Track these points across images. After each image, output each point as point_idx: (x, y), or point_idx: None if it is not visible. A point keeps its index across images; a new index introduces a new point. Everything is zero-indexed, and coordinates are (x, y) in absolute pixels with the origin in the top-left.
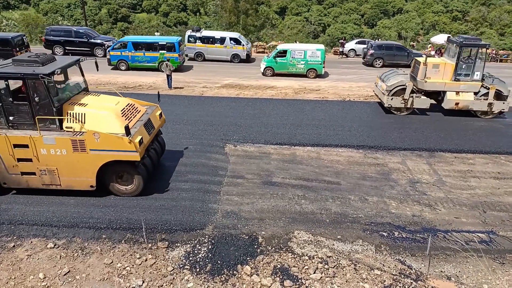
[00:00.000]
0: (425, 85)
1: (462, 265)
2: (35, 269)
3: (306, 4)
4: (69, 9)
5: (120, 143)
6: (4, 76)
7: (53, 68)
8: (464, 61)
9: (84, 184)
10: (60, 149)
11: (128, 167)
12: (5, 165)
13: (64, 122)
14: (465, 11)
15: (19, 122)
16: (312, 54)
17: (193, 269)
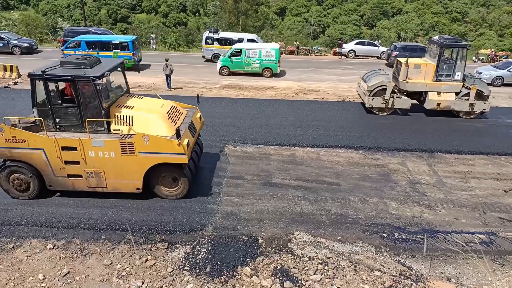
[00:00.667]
0: (407, 86)
1: (462, 266)
2: (34, 270)
3: (305, 5)
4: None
5: (169, 146)
6: (55, 78)
7: (102, 70)
8: (445, 62)
9: (130, 186)
10: (109, 152)
11: (174, 169)
12: (52, 167)
13: (112, 125)
14: (465, 12)
15: (66, 124)
16: (266, 53)
17: (192, 270)
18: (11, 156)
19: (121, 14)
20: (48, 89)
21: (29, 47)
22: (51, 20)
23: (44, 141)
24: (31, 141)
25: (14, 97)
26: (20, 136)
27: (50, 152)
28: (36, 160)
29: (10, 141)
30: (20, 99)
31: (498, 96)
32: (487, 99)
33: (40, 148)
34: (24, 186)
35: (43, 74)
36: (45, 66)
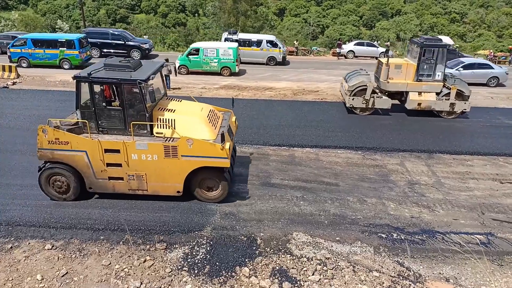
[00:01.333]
0: (388, 86)
1: (461, 266)
2: (32, 271)
3: (304, 6)
4: (68, 10)
5: (212, 150)
6: (101, 81)
7: (146, 73)
8: (426, 62)
9: (170, 189)
10: (152, 155)
11: (214, 173)
12: (94, 170)
13: (155, 128)
14: (464, 13)
15: (109, 127)
16: (224, 52)
17: (191, 271)
18: (53, 158)
19: (120, 14)
20: (93, 92)
21: None
22: (50, 20)
23: (87, 143)
24: (74, 143)
25: (13, 97)
26: (63, 138)
27: (93, 154)
28: (78, 162)
29: (53, 143)
30: (19, 99)
31: (497, 97)
32: (468, 99)
33: (83, 150)
34: (64, 188)
35: (88, 77)
36: (89, 69)
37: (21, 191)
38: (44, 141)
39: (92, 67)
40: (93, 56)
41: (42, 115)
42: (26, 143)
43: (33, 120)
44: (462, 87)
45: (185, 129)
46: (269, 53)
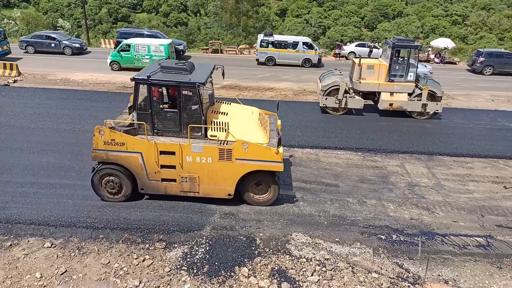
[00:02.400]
0: (360, 86)
1: (460, 269)
2: (31, 269)
3: (306, 6)
4: (69, 8)
5: (267, 154)
6: (159, 83)
7: (203, 76)
8: (398, 62)
9: (222, 192)
10: (206, 157)
11: (265, 176)
12: (147, 171)
13: (209, 131)
14: (465, 15)
15: (164, 129)
16: (155, 49)
17: (190, 270)
18: (107, 159)
19: (121, 13)
20: (151, 94)
21: (80, 47)
22: (51, 18)
23: (144, 145)
24: (130, 144)
25: (13, 95)
26: (119, 139)
27: (148, 156)
28: (132, 164)
29: (108, 144)
30: (20, 97)
31: (498, 100)
32: (440, 100)
33: (138, 152)
34: (117, 189)
35: (148, 79)
36: (146, 71)
37: (21, 189)
38: (99, 142)
39: (149, 69)
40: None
41: (42, 113)
42: (27, 141)
43: (34, 118)
44: (434, 88)
45: (239, 133)
46: (305, 55)
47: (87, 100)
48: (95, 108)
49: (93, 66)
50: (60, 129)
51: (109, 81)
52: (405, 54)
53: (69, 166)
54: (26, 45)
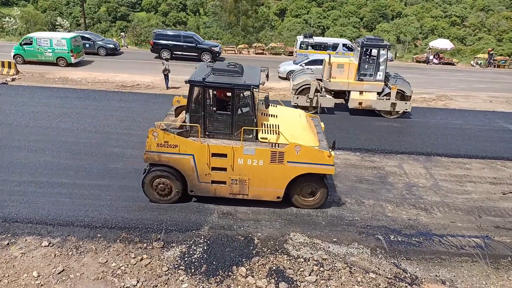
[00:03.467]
0: (330, 85)
1: (457, 269)
2: (29, 267)
3: (305, 6)
4: (68, 7)
5: (319, 156)
6: (214, 86)
7: (255, 78)
8: (367, 61)
9: (271, 195)
10: (257, 160)
11: (314, 179)
12: (198, 173)
13: (259, 133)
14: (464, 17)
15: (215, 131)
16: (57, 42)
17: (188, 270)
18: (159, 161)
19: (120, 12)
20: (206, 96)
21: (113, 48)
22: (50, 17)
23: (196, 147)
24: (182, 146)
25: (12, 94)
26: (173, 141)
27: (200, 158)
28: (184, 166)
29: (162, 146)
30: (18, 95)
31: (496, 101)
32: (409, 99)
33: (190, 154)
34: (167, 190)
35: (203, 81)
36: (198, 73)
37: (18, 188)
38: (153, 144)
39: (200, 71)
40: (163, 58)
41: (41, 112)
42: (24, 140)
43: (32, 116)
44: (403, 87)
45: (290, 135)
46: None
47: (85, 99)
48: (93, 107)
49: (131, 67)
50: (58, 128)
51: (107, 80)
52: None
53: (67, 165)
54: None
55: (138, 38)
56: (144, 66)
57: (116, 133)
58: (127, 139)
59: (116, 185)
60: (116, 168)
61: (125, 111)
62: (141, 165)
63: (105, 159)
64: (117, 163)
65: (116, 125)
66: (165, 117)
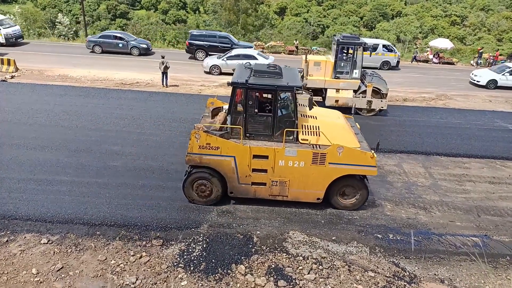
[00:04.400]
0: (307, 82)
1: (456, 268)
2: (28, 265)
3: (305, 5)
4: (68, 4)
5: (362, 158)
6: (257, 87)
7: (296, 79)
8: (343, 59)
9: (311, 196)
10: (299, 161)
11: (354, 181)
12: (239, 175)
13: (300, 135)
14: (464, 16)
15: (256, 132)
16: None
17: (187, 268)
18: (200, 163)
19: (120, 10)
20: (248, 98)
21: (146, 48)
22: (49, 14)
23: (238, 149)
24: (224, 148)
25: (11, 91)
26: (215, 143)
27: (241, 160)
28: (225, 167)
29: (203, 148)
30: (17, 92)
31: (496, 101)
32: (385, 97)
33: (231, 156)
34: (207, 192)
35: (246, 83)
36: (239, 75)
37: (17, 185)
38: (195, 146)
39: (240, 73)
40: (198, 59)
41: (40, 110)
42: (24, 137)
43: (31, 114)
44: (379, 85)
45: (331, 136)
46: (384, 57)
47: (85, 97)
48: (93, 105)
49: (131, 64)
50: (58, 125)
51: (107, 77)
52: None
53: (66, 163)
54: (94, 45)
55: (137, 36)
56: (143, 64)
57: (115, 131)
58: (127, 137)
59: (115, 182)
60: (115, 166)
61: (125, 109)
62: (140, 163)
63: (104, 157)
64: (116, 161)
65: (116, 123)
66: (202, 119)
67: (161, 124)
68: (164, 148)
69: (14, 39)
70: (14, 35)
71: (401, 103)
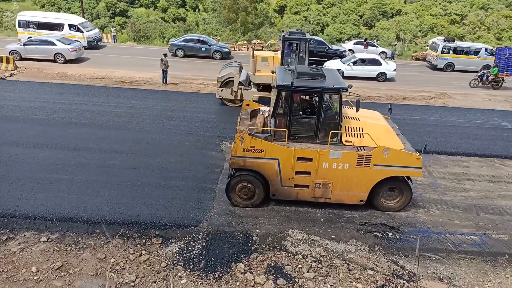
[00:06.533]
0: (255, 78)
1: (455, 267)
2: (27, 263)
3: (305, 3)
4: (67, 2)
5: (408, 159)
6: (303, 89)
7: (340, 80)
8: (289, 55)
9: (354, 198)
10: (343, 163)
11: (400, 182)
12: (282, 177)
13: (344, 136)
14: (463, 15)
15: (299, 135)
16: None
17: (186, 266)
18: (244, 165)
19: (119, 8)
20: (293, 100)
21: (228, 52)
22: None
23: (282, 151)
24: (268, 151)
25: (10, 89)
26: (259, 146)
27: (285, 162)
28: (268, 170)
29: (247, 151)
30: (17, 90)
31: (495, 99)
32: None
33: (275, 158)
34: (250, 194)
35: (291, 86)
36: (282, 78)
37: (17, 183)
38: (239, 149)
39: (282, 75)
40: None
41: (39, 108)
42: (23, 135)
43: (30, 112)
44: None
45: (376, 138)
46: (486, 61)
47: (84, 95)
48: (92, 103)
49: (130, 62)
50: (57, 124)
51: (106, 76)
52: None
53: (66, 161)
54: (176, 49)
55: (137, 34)
56: (143, 62)
57: (114, 129)
58: (126, 135)
59: (115, 181)
60: (114, 164)
61: (124, 107)
62: (139, 160)
63: (103, 155)
64: (116, 159)
65: (115, 121)
66: (240, 121)
67: (160, 122)
68: (163, 146)
69: (95, 42)
70: (95, 38)
71: (401, 102)
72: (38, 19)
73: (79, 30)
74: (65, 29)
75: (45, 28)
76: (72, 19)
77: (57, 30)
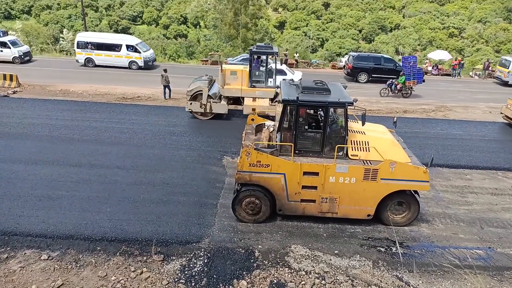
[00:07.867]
0: (224, 91)
1: (460, 282)
2: (28, 281)
3: (304, 19)
4: (70, 20)
5: (415, 173)
6: (309, 104)
7: (344, 95)
8: (257, 68)
9: (361, 213)
10: (350, 178)
11: (407, 196)
12: (288, 192)
13: (350, 150)
14: (462, 28)
15: (305, 149)
16: None
17: (188, 283)
18: (250, 180)
19: (122, 25)
20: (298, 115)
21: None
22: (52, 30)
23: (288, 166)
24: (274, 165)
25: (13, 106)
26: (265, 161)
27: (291, 177)
28: (274, 185)
29: (253, 166)
30: (19, 107)
31: (495, 112)
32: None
33: (281, 173)
34: (256, 210)
35: (297, 100)
36: (287, 92)
37: (18, 200)
38: (245, 164)
39: (287, 90)
40: (359, 81)
41: (41, 124)
42: (25, 152)
43: (33, 129)
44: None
45: (382, 151)
46: None
47: (86, 111)
48: (94, 119)
49: (132, 79)
50: (59, 140)
51: (108, 92)
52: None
53: (67, 177)
54: None
55: None
56: (144, 78)
57: (117, 145)
58: (128, 151)
59: (117, 197)
60: (116, 180)
61: (126, 123)
62: (141, 176)
63: (105, 171)
64: (117, 175)
65: (117, 137)
66: (245, 136)
67: (162, 138)
68: (165, 162)
69: (151, 62)
70: (151, 58)
71: (401, 115)
72: (97, 40)
73: (136, 51)
74: (123, 49)
75: (103, 48)
76: (129, 40)
77: (115, 50)
